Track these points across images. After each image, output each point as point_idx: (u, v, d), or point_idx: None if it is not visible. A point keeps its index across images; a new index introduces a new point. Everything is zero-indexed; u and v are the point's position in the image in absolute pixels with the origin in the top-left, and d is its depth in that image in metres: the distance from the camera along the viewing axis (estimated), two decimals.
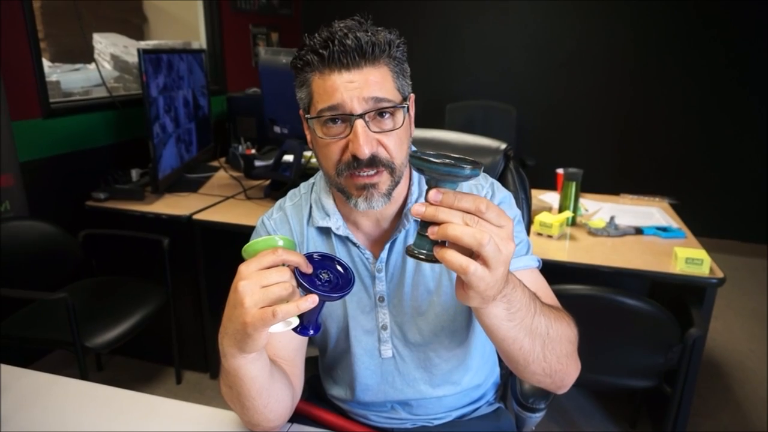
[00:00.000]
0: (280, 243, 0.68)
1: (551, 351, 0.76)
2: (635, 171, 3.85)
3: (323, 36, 0.78)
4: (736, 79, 3.52)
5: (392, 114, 0.80)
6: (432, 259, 0.60)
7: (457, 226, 0.57)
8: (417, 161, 0.59)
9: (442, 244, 0.60)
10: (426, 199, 0.59)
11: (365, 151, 0.77)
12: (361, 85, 0.76)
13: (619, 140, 3.86)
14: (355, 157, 0.78)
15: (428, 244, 0.60)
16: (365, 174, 0.79)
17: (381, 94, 0.77)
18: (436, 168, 0.58)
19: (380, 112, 0.78)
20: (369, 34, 0.77)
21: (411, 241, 0.91)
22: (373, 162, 0.79)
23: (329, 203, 0.92)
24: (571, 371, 0.83)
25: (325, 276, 0.70)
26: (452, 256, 0.58)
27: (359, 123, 0.76)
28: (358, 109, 0.76)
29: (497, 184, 0.96)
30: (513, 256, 0.89)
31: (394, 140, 0.80)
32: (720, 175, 3.70)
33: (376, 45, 0.77)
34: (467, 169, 0.58)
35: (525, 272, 0.90)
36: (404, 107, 0.81)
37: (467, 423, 1.04)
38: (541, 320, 0.73)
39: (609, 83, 3.78)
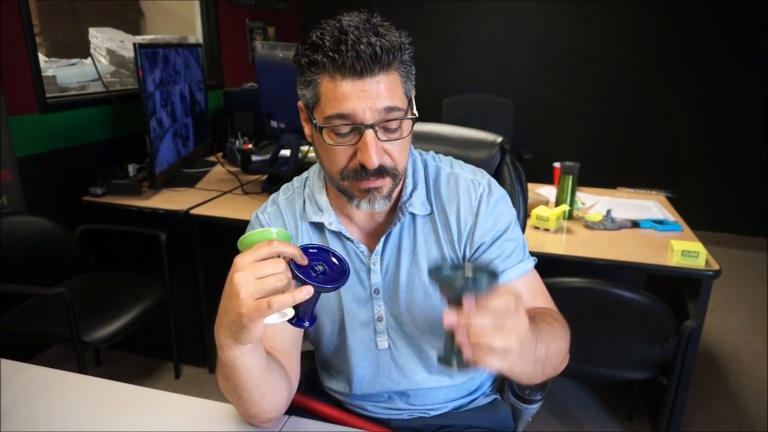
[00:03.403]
0: (275, 235, 0.68)
1: (549, 366, 0.80)
2: (632, 164, 3.85)
3: (334, 36, 0.74)
4: (734, 71, 3.51)
5: (400, 124, 0.79)
6: (465, 366, 0.64)
7: (487, 337, 0.60)
8: (441, 279, 0.65)
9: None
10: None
11: (374, 161, 0.77)
12: (374, 95, 0.75)
13: (617, 134, 3.86)
14: (362, 166, 0.78)
15: (458, 355, 0.64)
16: (371, 179, 0.80)
17: (392, 103, 0.77)
18: (458, 285, 0.63)
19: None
20: (381, 38, 0.74)
21: (406, 235, 0.92)
22: (380, 171, 0.79)
23: (322, 198, 0.92)
24: (561, 368, 0.86)
25: (321, 268, 0.70)
26: (494, 362, 0.61)
27: (369, 133, 0.76)
28: (369, 119, 0.76)
29: (494, 182, 0.96)
30: (510, 264, 0.91)
31: (398, 148, 0.81)
32: (720, 169, 3.70)
33: (390, 51, 0.75)
34: (485, 283, 0.62)
35: (523, 279, 0.91)
36: (412, 118, 0.81)
37: (464, 414, 1.05)
38: (541, 348, 0.75)
39: (606, 77, 3.78)
